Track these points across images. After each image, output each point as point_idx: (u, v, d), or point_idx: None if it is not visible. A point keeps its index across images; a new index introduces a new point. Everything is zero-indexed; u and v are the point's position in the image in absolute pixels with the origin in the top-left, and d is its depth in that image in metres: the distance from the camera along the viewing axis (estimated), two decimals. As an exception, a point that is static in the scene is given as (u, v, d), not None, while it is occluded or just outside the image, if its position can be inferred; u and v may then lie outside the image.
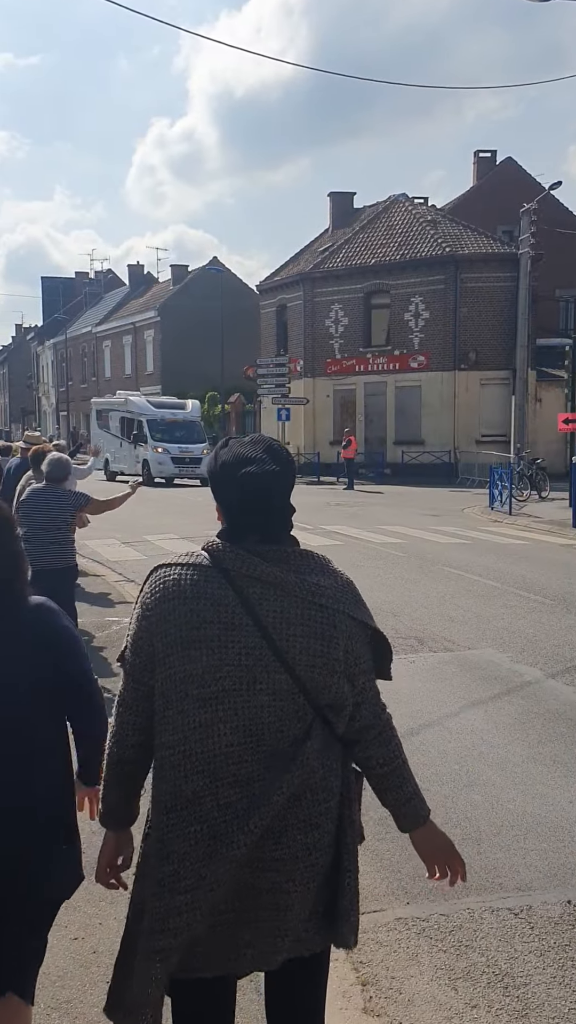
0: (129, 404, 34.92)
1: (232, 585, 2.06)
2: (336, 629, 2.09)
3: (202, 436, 33.93)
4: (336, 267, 37.25)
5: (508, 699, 7.07)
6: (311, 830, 2.08)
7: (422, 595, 11.21)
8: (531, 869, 4.36)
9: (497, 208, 39.29)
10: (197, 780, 2.03)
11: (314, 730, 2.08)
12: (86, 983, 3.38)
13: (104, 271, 73.81)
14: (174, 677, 2.05)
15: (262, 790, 2.02)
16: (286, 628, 2.05)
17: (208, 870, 2.00)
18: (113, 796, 2.25)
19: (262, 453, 2.12)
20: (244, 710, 2.03)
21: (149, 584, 2.15)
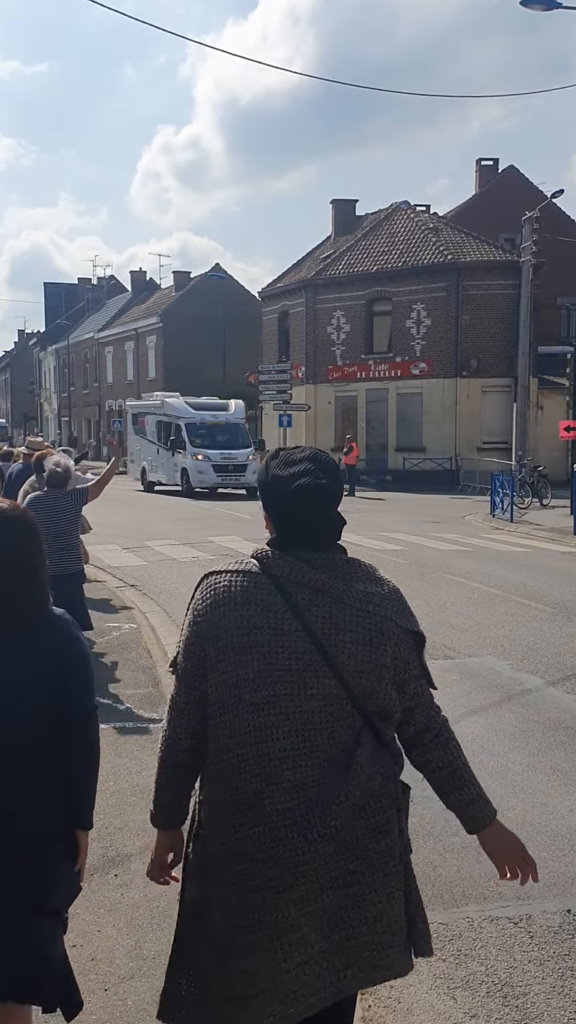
0: (166, 406, 31.31)
1: (281, 591, 2.10)
2: (384, 636, 2.12)
3: (246, 440, 30.41)
4: (338, 274, 37.31)
5: (508, 707, 7.07)
6: (381, 837, 2.12)
7: (423, 602, 11.19)
8: (531, 878, 4.34)
9: (499, 216, 39.37)
10: (255, 783, 2.07)
11: (363, 737, 2.12)
12: (85, 991, 3.35)
13: (107, 277, 73.94)
14: (227, 682, 2.10)
15: (318, 796, 2.07)
16: (335, 634, 2.09)
17: (274, 872, 2.05)
18: (166, 798, 2.30)
19: (313, 465, 2.17)
20: (296, 715, 2.07)
21: (200, 591, 2.19)
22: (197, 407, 30.93)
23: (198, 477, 28.55)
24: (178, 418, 30.15)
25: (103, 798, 5.04)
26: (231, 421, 30.57)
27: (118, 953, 3.57)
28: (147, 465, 32.33)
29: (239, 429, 30.57)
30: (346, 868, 2.09)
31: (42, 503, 7.37)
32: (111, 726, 6.33)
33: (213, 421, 30.14)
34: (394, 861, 2.14)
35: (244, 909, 2.07)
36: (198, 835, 2.22)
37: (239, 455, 28.87)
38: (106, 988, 3.38)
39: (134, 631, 9.27)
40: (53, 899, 2.42)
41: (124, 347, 59.32)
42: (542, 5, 19.48)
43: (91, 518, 11.21)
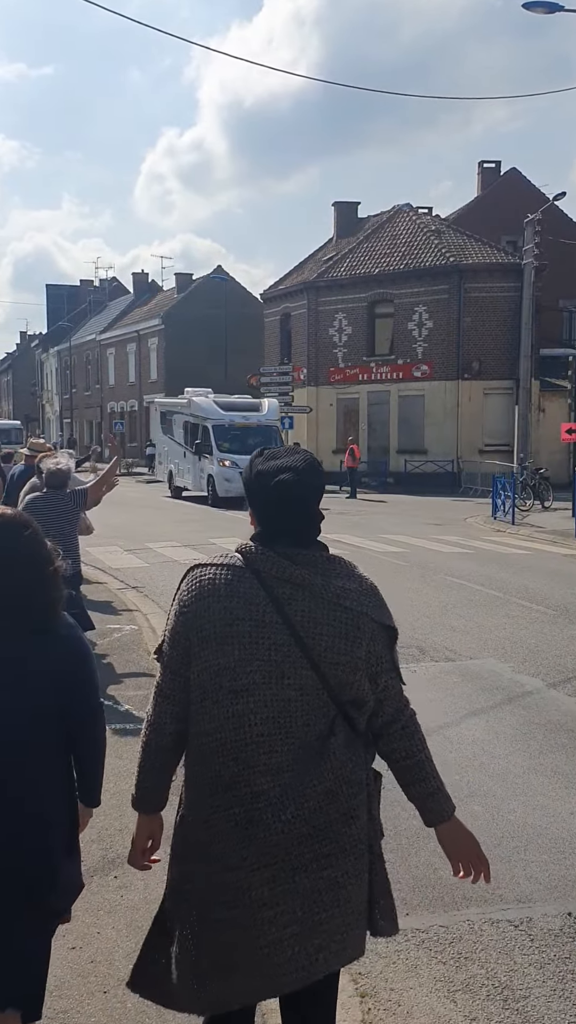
0: (192, 405, 28.40)
1: (263, 585, 2.20)
2: (359, 630, 2.22)
3: (280, 444, 29.78)
4: (340, 276, 37.32)
5: (509, 709, 7.05)
6: (352, 822, 2.21)
7: (424, 604, 11.19)
8: (531, 881, 4.34)
9: (501, 218, 39.37)
10: (232, 767, 2.17)
11: (337, 726, 2.21)
12: (84, 993, 3.36)
13: (109, 279, 73.98)
14: (209, 670, 2.19)
15: (292, 780, 2.16)
16: (313, 627, 2.18)
17: (248, 851, 2.15)
18: (149, 782, 2.38)
19: (294, 463, 2.28)
20: (273, 703, 2.17)
21: (186, 582, 2.29)
22: (226, 407, 27.81)
23: (225, 485, 25.37)
24: (205, 419, 27.25)
25: (103, 800, 5.04)
26: (263, 423, 27.44)
27: (117, 955, 3.56)
28: (174, 469, 29.83)
29: (272, 432, 27.40)
30: (320, 851, 2.17)
31: (41, 504, 7.38)
32: (111, 727, 6.31)
33: (243, 423, 26.99)
34: (362, 845, 2.24)
35: (222, 887, 2.16)
36: (183, 816, 2.30)
37: None
38: (105, 991, 3.37)
39: (135, 632, 9.26)
40: (53, 899, 2.42)
41: (126, 349, 59.35)
42: (544, 8, 19.50)
43: (92, 519, 11.22)
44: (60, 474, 7.44)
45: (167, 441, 31.34)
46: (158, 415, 33.14)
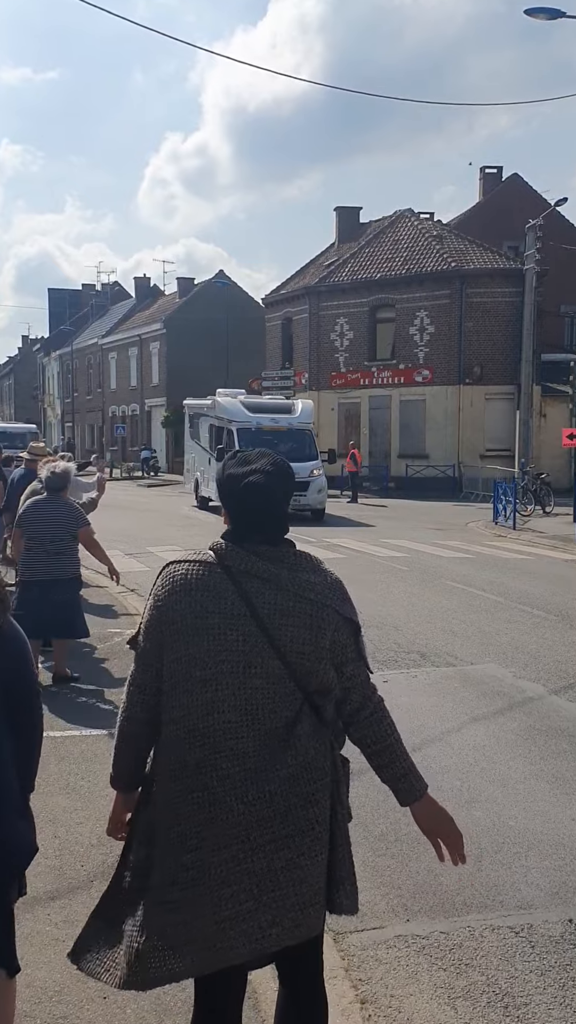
0: (217, 407, 25.33)
1: (232, 580, 2.32)
2: (324, 621, 2.33)
3: (313, 450, 24.48)
4: (342, 281, 37.35)
5: (510, 715, 7.04)
6: (311, 806, 2.32)
7: (425, 609, 11.18)
8: (532, 887, 4.33)
9: (503, 224, 39.41)
10: (199, 752, 2.28)
11: (303, 714, 2.33)
12: (83, 999, 3.35)
13: (111, 283, 74.09)
14: (180, 660, 2.32)
15: (256, 764, 2.27)
16: (279, 619, 2.30)
17: (209, 832, 2.26)
18: (124, 763, 2.53)
19: (265, 465, 2.41)
20: (241, 691, 2.28)
21: (161, 578, 2.41)
22: (254, 408, 24.92)
23: None
24: (229, 421, 24.27)
25: (102, 804, 5.03)
26: (295, 426, 24.44)
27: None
28: (200, 477, 26.56)
29: (305, 437, 24.49)
30: (279, 833, 2.28)
31: (40, 508, 7.39)
32: (112, 731, 6.31)
33: (272, 426, 24.02)
34: (320, 828, 2.34)
35: (179, 867, 2.28)
36: (147, 799, 2.44)
37: (301, 469, 21.71)
38: (105, 996, 3.36)
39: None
40: (13, 851, 2.59)
41: (128, 353, 59.40)
42: (546, 15, 19.55)
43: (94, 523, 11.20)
44: (59, 477, 7.44)
45: (194, 447, 28.82)
46: (187, 418, 30.52)
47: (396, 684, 7.78)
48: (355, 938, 3.88)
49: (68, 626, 7.40)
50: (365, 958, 3.72)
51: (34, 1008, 3.28)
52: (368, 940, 3.86)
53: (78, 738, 6.18)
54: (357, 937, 3.88)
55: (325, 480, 24.10)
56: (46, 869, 4.30)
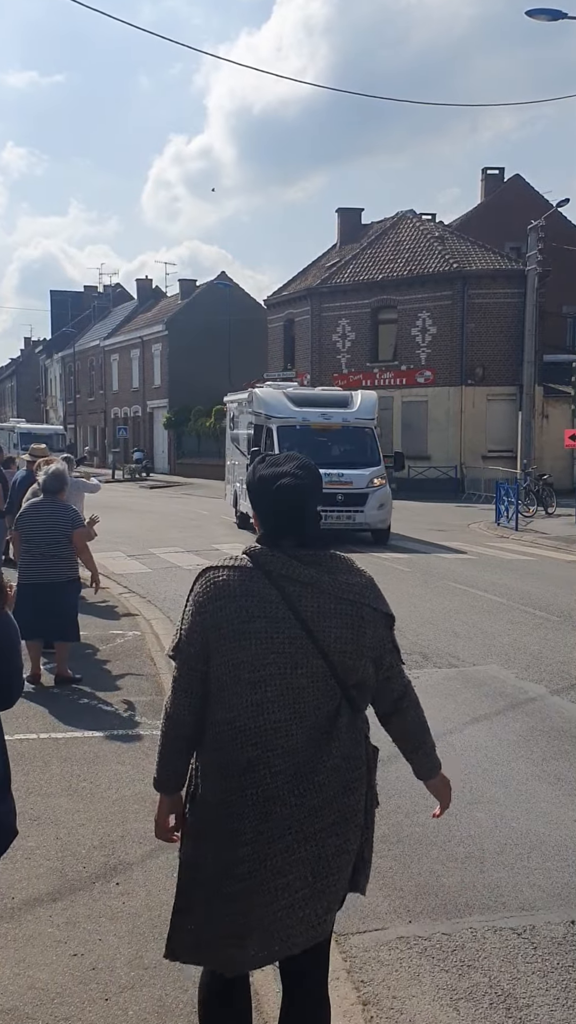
0: (254, 400, 19.93)
1: (275, 585, 2.40)
2: (364, 620, 2.45)
3: (375, 455, 18.75)
4: (343, 282, 37.36)
5: (512, 716, 7.04)
6: (351, 793, 2.44)
7: (427, 610, 11.17)
8: (534, 888, 4.32)
9: (505, 225, 39.40)
10: (251, 751, 2.38)
11: (343, 708, 2.45)
12: (85, 1000, 3.35)
13: (112, 285, 74.13)
14: (228, 664, 2.39)
15: (306, 759, 2.38)
16: (323, 621, 2.40)
17: (265, 826, 2.36)
18: (169, 768, 2.59)
19: (295, 468, 2.49)
20: (288, 691, 2.39)
21: (200, 584, 2.49)
22: (300, 401, 19.40)
23: None
24: (268, 418, 18.92)
25: (104, 806, 5.04)
26: (352, 424, 18.97)
27: (119, 962, 3.55)
28: (240, 488, 20.42)
29: (364, 438, 19.02)
30: (327, 821, 2.39)
31: (35, 510, 7.39)
32: (113, 732, 6.32)
33: (322, 424, 18.68)
34: (359, 814, 2.47)
35: (235, 860, 2.37)
36: (194, 798, 2.52)
37: (357, 478, 17.53)
38: (107, 998, 3.35)
39: (138, 638, 9.26)
40: None
41: (130, 355, 59.43)
42: (547, 16, 19.57)
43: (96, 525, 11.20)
44: (55, 479, 7.44)
45: (233, 451, 23.11)
46: (228, 417, 25.16)
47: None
48: (357, 939, 3.87)
49: (59, 630, 7.38)
50: (367, 959, 3.72)
51: (36, 1010, 3.28)
52: (370, 941, 3.86)
53: (80, 739, 6.18)
54: (359, 939, 3.88)
55: (389, 492, 18.51)
56: (48, 871, 4.31)
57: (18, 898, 4.01)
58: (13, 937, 3.68)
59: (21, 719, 6.38)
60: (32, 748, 6.04)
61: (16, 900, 4.00)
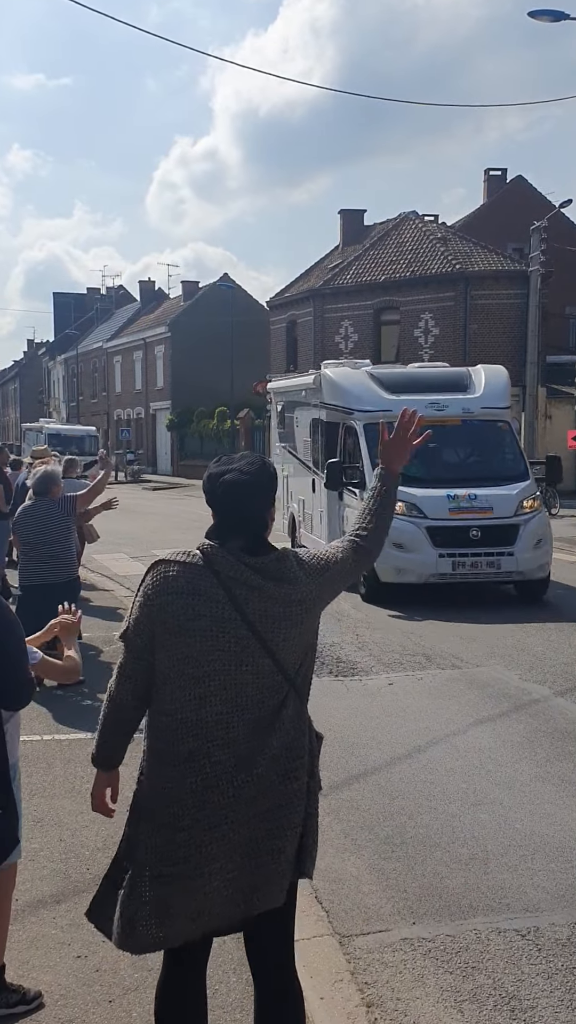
0: (326, 386, 13.82)
1: (223, 585, 2.44)
2: (308, 614, 2.51)
3: (519, 462, 12.65)
4: (346, 284, 37.36)
5: (516, 717, 7.03)
6: (291, 782, 2.49)
7: (431, 612, 11.15)
8: (539, 890, 4.31)
9: (507, 226, 39.36)
10: (192, 742, 2.43)
11: (289, 699, 2.49)
12: (89, 1002, 3.35)
13: (115, 287, 74.15)
14: (172, 657, 2.45)
15: (246, 750, 2.43)
16: (270, 623, 2.44)
17: (202, 814, 2.42)
18: (108, 745, 2.68)
19: (245, 466, 2.52)
20: (231, 686, 2.43)
21: (151, 576, 2.52)
22: (394, 384, 13.09)
23: (395, 559, 11.05)
24: (350, 412, 12.88)
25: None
26: (478, 415, 12.76)
27: (123, 964, 3.55)
28: (298, 511, 15.43)
29: (501, 436, 13.04)
30: (262, 807, 2.45)
31: (30, 513, 7.39)
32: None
33: (435, 418, 11.72)
34: (298, 801, 2.51)
35: (172, 845, 2.43)
36: (140, 781, 2.59)
37: (501, 501, 11.63)
38: (110, 1000, 3.36)
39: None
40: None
41: (132, 356, 59.46)
42: (550, 16, 19.56)
43: (99, 526, 11.21)
44: (43, 481, 7.43)
45: (284, 456, 16.56)
46: (275, 411, 18.58)
47: (401, 686, 7.78)
48: (361, 941, 3.87)
49: None
50: (371, 961, 3.72)
51: (40, 1012, 3.28)
52: (374, 943, 3.86)
53: (84, 741, 6.18)
54: (363, 940, 3.88)
55: (547, 520, 12.47)
56: (51, 872, 4.31)
57: (22, 900, 4.01)
58: (17, 939, 3.68)
59: (24, 721, 6.34)
60: (35, 750, 6.04)
61: (20, 902, 4.00)
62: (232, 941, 3.70)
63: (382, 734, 6.54)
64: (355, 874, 4.48)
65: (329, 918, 4.07)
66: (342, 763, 5.93)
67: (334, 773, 5.77)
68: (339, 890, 4.32)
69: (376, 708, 7.16)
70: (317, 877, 4.43)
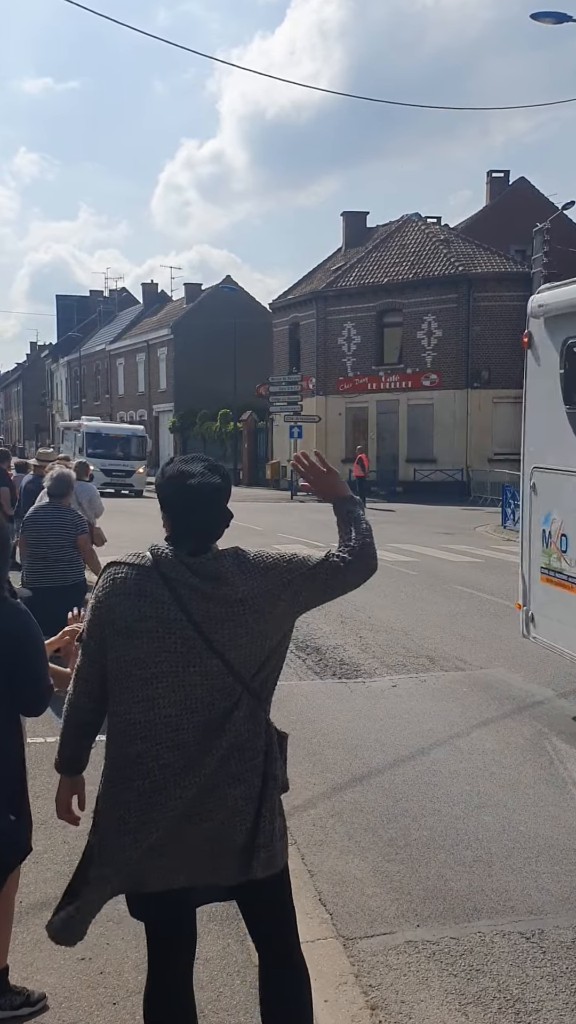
0: None
1: (168, 587, 2.45)
2: (259, 612, 2.46)
3: None
4: (349, 286, 37.38)
5: (520, 719, 7.02)
6: (238, 784, 2.46)
7: (434, 614, 11.16)
8: (543, 892, 4.31)
9: (510, 227, 39.38)
10: (139, 744, 2.43)
11: (242, 701, 2.46)
12: (93, 1004, 3.35)
13: (118, 289, 74.24)
14: (120, 659, 2.46)
15: (194, 753, 2.42)
16: (214, 624, 2.44)
17: (148, 816, 2.42)
18: (68, 751, 2.68)
19: (203, 468, 2.52)
20: (179, 687, 2.43)
21: (102, 579, 2.54)
22: None
23: None
24: None
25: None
26: None
27: (127, 966, 3.55)
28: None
29: None
30: (205, 807, 2.44)
31: (40, 514, 7.39)
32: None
33: None
34: (244, 803, 2.47)
35: (117, 848, 2.45)
36: (100, 788, 2.57)
37: None
38: (114, 1002, 3.35)
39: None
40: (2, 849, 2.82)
41: (135, 359, 59.50)
42: (552, 18, 19.56)
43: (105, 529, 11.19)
44: (60, 483, 7.44)
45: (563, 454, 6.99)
46: (560, 353, 6.85)
47: (405, 688, 7.77)
48: (365, 944, 3.87)
49: None
50: (375, 964, 3.71)
51: (44, 1014, 3.28)
52: (378, 946, 3.85)
53: (87, 743, 6.18)
54: (367, 943, 3.87)
55: None
56: (55, 875, 4.30)
57: (26, 902, 4.00)
58: (21, 941, 3.68)
59: (28, 723, 6.36)
60: (39, 752, 6.03)
61: (24, 904, 3.99)
62: (236, 944, 3.70)
63: (385, 736, 6.53)
64: (359, 876, 4.48)
65: (333, 920, 4.06)
66: (345, 765, 5.93)
67: (337, 775, 5.77)
68: (343, 892, 4.31)
69: (379, 710, 7.15)
70: (321, 879, 4.45)
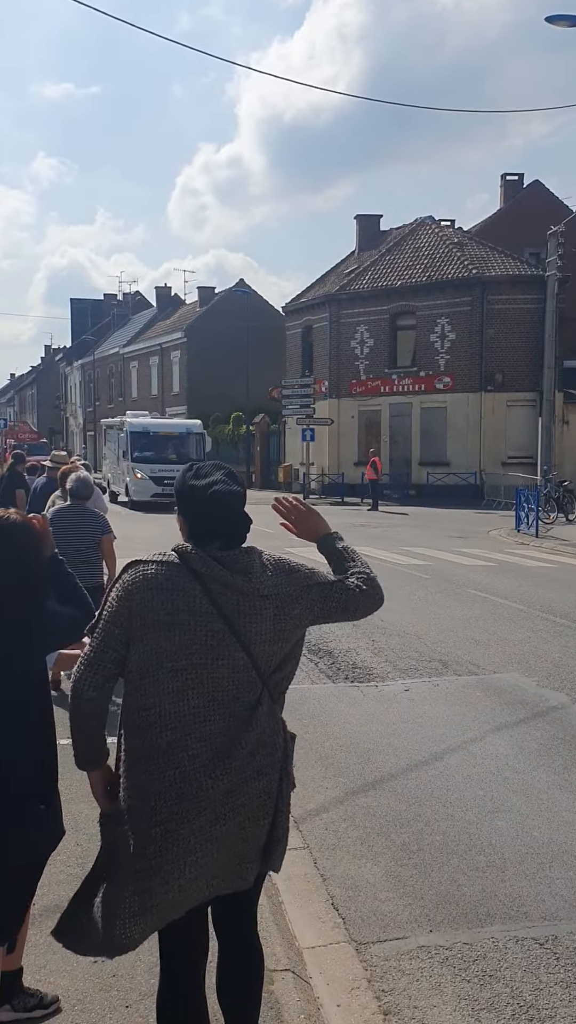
0: None
1: (199, 581, 2.55)
2: (280, 610, 2.58)
3: None
4: (362, 289, 37.36)
5: (533, 724, 6.99)
6: (262, 778, 2.57)
7: (447, 618, 11.13)
8: (557, 898, 4.29)
9: (524, 230, 39.28)
10: (169, 734, 2.50)
11: (263, 697, 2.58)
12: (105, 1007, 3.35)
13: (132, 293, 74.46)
14: (150, 651, 2.52)
15: (222, 744, 2.51)
16: (243, 618, 2.55)
17: (180, 807, 2.48)
18: (84, 747, 2.69)
19: (223, 476, 2.66)
20: (208, 680, 2.52)
21: (130, 574, 2.60)
22: None
23: None
24: None
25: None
26: None
27: (139, 969, 3.55)
28: None
29: None
30: (236, 803, 2.53)
31: (64, 516, 7.43)
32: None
33: None
34: (267, 798, 2.58)
35: (147, 840, 2.48)
36: (118, 781, 2.62)
37: None
38: (127, 1005, 3.36)
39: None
40: (35, 836, 2.88)
41: (149, 362, 59.64)
42: (567, 21, 19.52)
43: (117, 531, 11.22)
44: (84, 485, 7.50)
45: None
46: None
47: (418, 692, 7.75)
48: (378, 948, 3.86)
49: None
50: (388, 969, 3.70)
51: (57, 1016, 3.29)
52: (391, 951, 3.85)
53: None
54: (380, 948, 3.87)
55: None
56: (69, 877, 4.31)
57: (39, 904, 4.01)
58: (34, 943, 3.69)
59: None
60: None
61: (37, 907, 4.00)
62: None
63: (398, 740, 6.52)
64: (372, 881, 4.47)
65: (346, 925, 4.06)
66: (358, 769, 5.92)
67: (350, 779, 5.76)
68: (356, 897, 4.31)
69: (392, 714, 7.14)
70: (334, 884, 4.44)
